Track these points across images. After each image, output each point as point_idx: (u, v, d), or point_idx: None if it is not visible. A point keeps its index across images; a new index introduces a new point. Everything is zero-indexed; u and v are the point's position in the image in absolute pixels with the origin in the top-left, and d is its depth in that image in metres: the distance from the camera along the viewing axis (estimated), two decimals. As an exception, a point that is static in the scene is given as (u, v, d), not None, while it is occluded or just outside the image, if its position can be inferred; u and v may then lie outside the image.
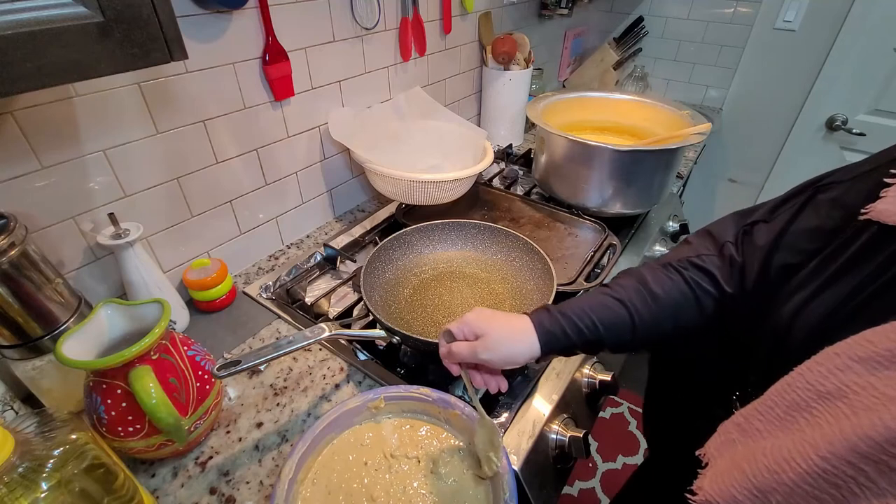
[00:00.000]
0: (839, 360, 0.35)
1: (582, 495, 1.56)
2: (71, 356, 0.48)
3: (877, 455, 0.31)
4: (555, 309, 0.54)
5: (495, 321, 0.53)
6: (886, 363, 0.33)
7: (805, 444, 0.35)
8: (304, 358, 0.75)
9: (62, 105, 0.61)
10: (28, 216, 0.62)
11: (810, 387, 0.37)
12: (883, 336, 0.34)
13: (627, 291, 0.53)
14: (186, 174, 0.78)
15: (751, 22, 1.64)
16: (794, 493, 0.35)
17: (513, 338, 0.53)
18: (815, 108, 1.64)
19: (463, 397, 0.69)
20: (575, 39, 1.90)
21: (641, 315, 0.52)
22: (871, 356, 0.34)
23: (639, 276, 0.55)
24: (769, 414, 0.40)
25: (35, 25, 0.34)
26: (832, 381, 0.35)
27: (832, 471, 0.33)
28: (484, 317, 0.54)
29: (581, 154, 1.00)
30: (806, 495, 0.34)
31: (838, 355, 0.36)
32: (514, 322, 0.54)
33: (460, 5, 1.21)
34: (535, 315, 0.54)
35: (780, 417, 0.39)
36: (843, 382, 0.35)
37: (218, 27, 0.72)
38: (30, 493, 0.36)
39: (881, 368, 0.33)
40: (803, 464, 0.34)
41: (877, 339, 0.34)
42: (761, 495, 0.36)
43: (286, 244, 1.02)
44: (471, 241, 0.90)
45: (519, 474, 0.59)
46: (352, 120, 0.99)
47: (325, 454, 0.55)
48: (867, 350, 0.34)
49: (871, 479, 0.31)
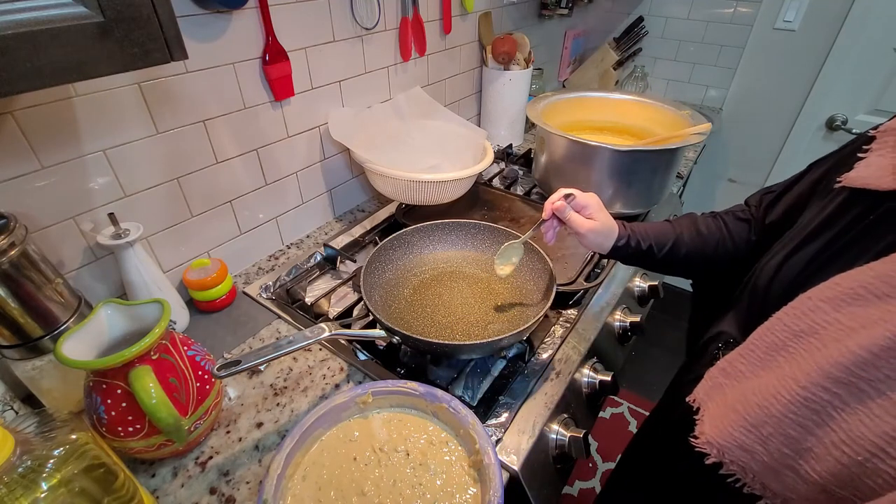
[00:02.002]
0: (811, 302, 0.41)
1: (582, 495, 1.56)
2: (71, 356, 0.48)
3: (846, 378, 0.36)
4: (629, 227, 0.67)
5: (604, 214, 0.66)
6: (850, 300, 0.38)
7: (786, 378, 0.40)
8: (304, 358, 0.75)
9: (62, 105, 0.61)
10: (28, 216, 0.62)
11: (786, 328, 0.42)
12: (848, 278, 0.39)
13: (682, 226, 0.67)
14: (186, 174, 0.78)
15: (751, 22, 1.64)
16: (782, 422, 0.40)
17: (609, 234, 0.65)
18: (815, 108, 1.64)
19: (463, 397, 0.69)
20: (575, 39, 1.90)
21: (688, 245, 0.66)
22: (837, 296, 0.39)
23: (692, 218, 0.69)
24: (751, 356, 0.45)
25: (35, 25, 0.34)
26: (805, 321, 0.41)
27: (812, 397, 0.38)
28: (600, 207, 0.66)
29: (581, 154, 1.00)
30: (792, 423, 0.39)
31: (810, 298, 0.41)
32: (611, 224, 0.66)
33: (460, 5, 1.21)
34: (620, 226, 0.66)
35: (760, 358, 0.44)
36: (814, 321, 0.40)
37: (218, 27, 0.72)
38: (30, 493, 0.36)
39: (845, 305, 0.38)
40: (787, 395, 0.39)
41: (842, 281, 0.39)
42: (754, 429, 0.42)
43: (286, 244, 1.02)
44: (471, 241, 0.90)
45: (519, 474, 0.59)
46: (352, 120, 0.99)
47: (314, 450, 0.56)
48: (834, 291, 0.39)
49: (843, 400, 0.37)
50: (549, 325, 0.81)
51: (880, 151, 0.44)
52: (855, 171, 0.45)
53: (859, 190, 0.44)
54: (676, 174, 1.11)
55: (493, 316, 0.78)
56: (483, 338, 0.72)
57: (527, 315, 0.77)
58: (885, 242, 0.41)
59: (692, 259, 0.66)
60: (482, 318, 0.77)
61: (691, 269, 0.69)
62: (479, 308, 0.79)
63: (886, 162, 0.43)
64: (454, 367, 0.74)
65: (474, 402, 0.69)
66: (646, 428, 0.79)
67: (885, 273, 0.37)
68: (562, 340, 0.78)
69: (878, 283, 0.37)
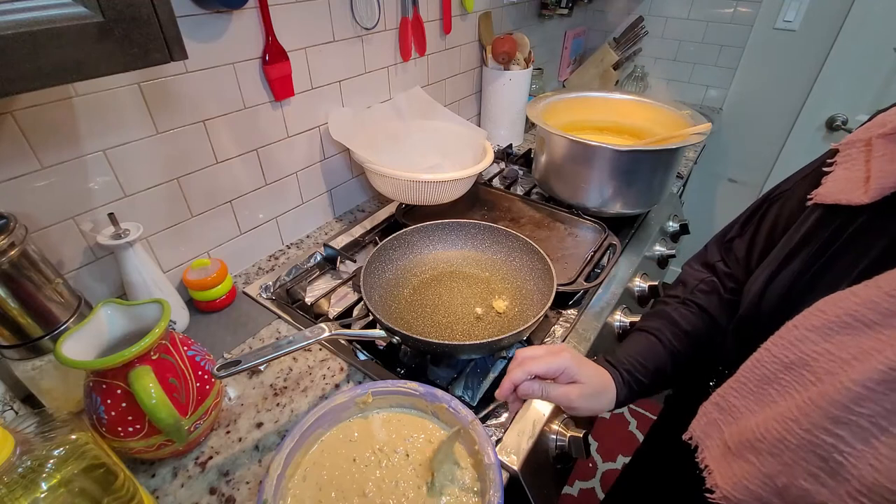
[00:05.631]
0: (797, 331, 0.39)
1: (582, 495, 1.56)
2: (71, 356, 0.48)
3: (846, 416, 0.34)
4: (621, 368, 0.57)
5: (587, 370, 0.54)
6: (838, 328, 0.37)
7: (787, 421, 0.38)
8: (304, 358, 0.75)
9: (62, 105, 0.61)
10: (28, 216, 0.62)
11: (776, 359, 0.40)
12: (832, 304, 0.38)
13: (667, 336, 0.58)
14: (186, 174, 0.78)
15: (751, 22, 1.64)
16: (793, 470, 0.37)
17: (606, 392, 0.55)
18: (815, 108, 1.64)
19: (463, 397, 0.69)
20: (575, 39, 1.90)
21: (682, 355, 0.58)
22: (823, 324, 0.38)
23: (670, 318, 0.60)
24: (743, 389, 0.44)
25: (35, 25, 0.34)
26: (794, 352, 0.39)
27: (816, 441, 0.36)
28: (577, 363, 0.54)
29: (581, 154, 1.00)
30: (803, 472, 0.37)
31: (796, 327, 0.39)
32: (602, 376, 0.55)
33: (460, 5, 1.21)
34: (612, 373, 0.56)
35: (752, 391, 0.43)
36: (803, 352, 0.38)
37: (218, 27, 0.72)
38: (30, 493, 0.36)
39: (833, 334, 0.37)
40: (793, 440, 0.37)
41: (827, 307, 0.38)
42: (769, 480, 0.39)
43: (286, 244, 1.01)
44: (471, 241, 0.90)
45: (519, 474, 0.59)
46: (352, 120, 0.99)
47: (314, 451, 0.56)
48: (820, 319, 0.38)
49: (848, 443, 0.34)
50: (549, 325, 0.81)
51: (845, 165, 0.44)
52: (824, 186, 0.45)
53: (832, 206, 0.43)
54: (676, 174, 1.11)
55: (493, 316, 0.78)
56: (483, 338, 0.72)
57: (527, 315, 0.77)
58: (868, 260, 0.40)
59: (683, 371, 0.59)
60: (482, 317, 0.77)
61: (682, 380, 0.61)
62: (479, 308, 0.79)
63: (854, 175, 0.42)
64: (454, 367, 0.74)
65: (474, 402, 0.69)
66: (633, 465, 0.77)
67: (869, 299, 0.35)
68: (562, 340, 0.78)
69: (864, 311, 0.35)
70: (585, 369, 0.54)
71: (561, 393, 0.53)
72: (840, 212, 0.42)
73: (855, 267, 0.40)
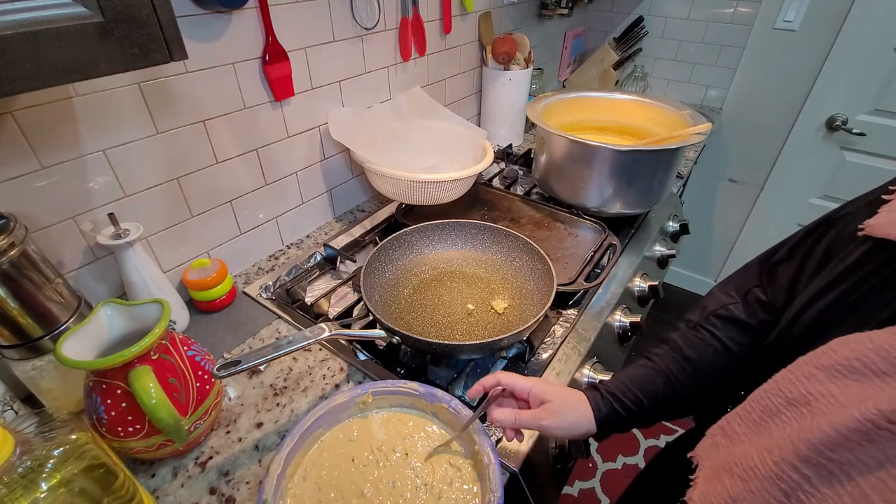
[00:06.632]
0: (806, 368, 0.37)
1: (582, 495, 1.56)
2: (71, 356, 0.48)
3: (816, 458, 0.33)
4: (602, 388, 0.56)
5: (557, 389, 0.55)
6: (846, 372, 0.35)
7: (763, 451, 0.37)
8: (304, 358, 0.75)
9: (62, 105, 0.61)
10: (28, 216, 0.62)
11: (781, 393, 0.39)
12: (845, 346, 0.35)
13: (664, 360, 0.56)
14: (186, 174, 0.78)
15: (751, 22, 1.64)
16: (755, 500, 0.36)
17: (577, 408, 0.54)
18: (815, 108, 1.63)
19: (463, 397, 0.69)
20: (575, 39, 1.90)
21: (680, 381, 0.55)
22: (832, 364, 0.36)
23: (673, 344, 0.58)
24: (747, 418, 0.42)
25: (35, 25, 0.34)
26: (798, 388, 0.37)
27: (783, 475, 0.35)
28: (544, 384, 0.55)
29: (581, 154, 1.00)
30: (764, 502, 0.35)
31: (806, 364, 0.38)
32: (573, 394, 0.55)
33: (460, 5, 1.21)
34: (588, 392, 0.56)
35: (755, 422, 0.41)
36: (808, 390, 0.37)
37: (218, 27, 0.72)
38: (30, 493, 0.36)
39: (840, 377, 0.35)
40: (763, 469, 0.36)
41: (839, 348, 0.36)
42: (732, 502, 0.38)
43: (286, 244, 1.02)
44: (471, 241, 0.90)
45: (518, 474, 0.59)
46: (352, 120, 0.99)
47: (314, 450, 0.56)
48: (830, 359, 0.36)
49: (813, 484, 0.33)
50: (549, 325, 0.81)
51: None
52: (877, 217, 0.41)
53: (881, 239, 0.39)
54: (676, 174, 1.11)
55: (493, 316, 0.78)
56: (483, 338, 0.72)
57: (527, 315, 0.77)
58: None
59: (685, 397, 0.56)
60: (482, 318, 0.77)
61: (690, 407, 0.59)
62: (479, 308, 0.79)
63: None
64: (454, 367, 0.74)
65: (474, 402, 0.69)
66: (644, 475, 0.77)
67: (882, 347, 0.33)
68: (562, 340, 0.78)
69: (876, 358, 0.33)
70: (554, 388, 0.55)
71: (531, 414, 0.53)
72: (889, 247, 0.39)
73: (886, 309, 0.38)
